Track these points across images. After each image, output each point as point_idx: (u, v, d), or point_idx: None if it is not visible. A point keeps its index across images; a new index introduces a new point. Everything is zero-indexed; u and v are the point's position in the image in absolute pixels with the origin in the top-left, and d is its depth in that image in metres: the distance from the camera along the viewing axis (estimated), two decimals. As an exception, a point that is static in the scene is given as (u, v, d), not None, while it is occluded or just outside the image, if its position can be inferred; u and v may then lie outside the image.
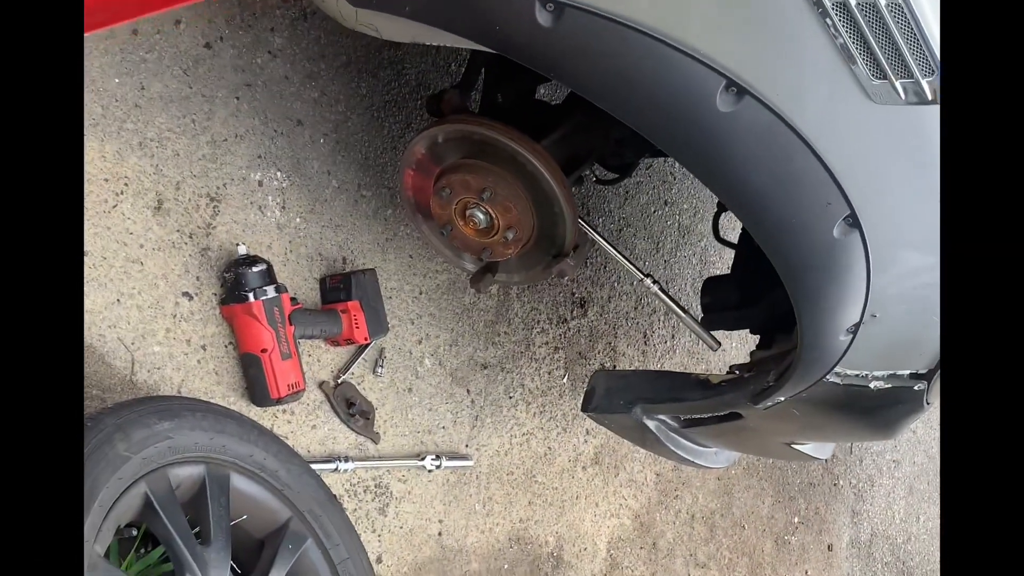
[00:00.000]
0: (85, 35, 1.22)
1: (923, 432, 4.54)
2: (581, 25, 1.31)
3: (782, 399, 1.86)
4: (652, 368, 2.96)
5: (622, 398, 2.15)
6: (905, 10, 1.22)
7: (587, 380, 2.83)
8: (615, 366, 3.00)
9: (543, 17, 1.32)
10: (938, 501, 4.69)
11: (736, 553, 3.44)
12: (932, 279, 1.59)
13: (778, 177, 1.40)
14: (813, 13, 1.24)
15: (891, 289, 1.56)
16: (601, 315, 2.95)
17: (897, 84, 1.29)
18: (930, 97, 1.30)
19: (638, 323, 3.09)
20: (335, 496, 1.85)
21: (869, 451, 4.25)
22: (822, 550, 3.94)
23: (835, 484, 4.05)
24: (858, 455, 4.18)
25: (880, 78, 1.29)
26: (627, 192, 3.06)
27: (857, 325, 1.62)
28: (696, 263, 3.35)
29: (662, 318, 3.19)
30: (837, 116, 1.35)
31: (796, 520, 3.78)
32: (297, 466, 1.75)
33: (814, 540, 3.89)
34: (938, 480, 4.72)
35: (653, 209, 3.18)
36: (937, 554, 4.69)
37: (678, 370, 3.20)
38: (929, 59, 1.26)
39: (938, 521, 4.64)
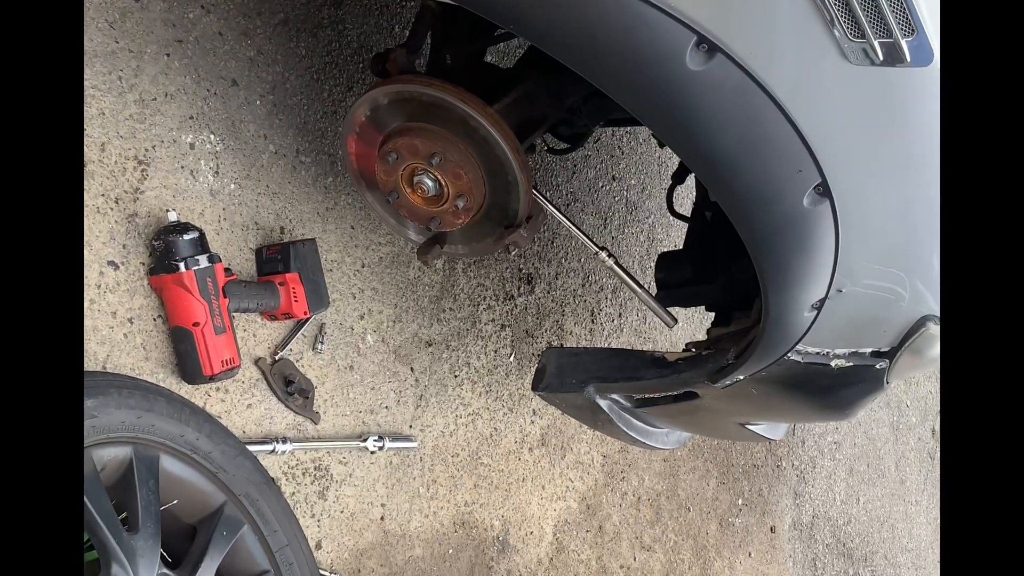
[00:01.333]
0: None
1: (863, 414, 4.58)
2: (545, -27, 1.24)
3: (741, 378, 1.82)
4: (606, 348, 2.91)
5: (574, 376, 2.09)
6: (887, -36, 1.18)
7: (535, 359, 2.77)
8: (562, 344, 2.95)
9: (505, -35, 1.24)
10: (877, 483, 4.75)
11: (681, 536, 3.42)
12: (901, 253, 1.56)
13: (748, 141, 1.34)
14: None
15: (859, 264, 1.53)
16: (548, 292, 2.89)
17: (876, 44, 1.24)
18: (908, 58, 1.25)
19: (586, 301, 3.04)
20: (273, 479, 1.76)
21: (811, 432, 4.27)
22: (765, 532, 3.95)
23: (778, 466, 4.06)
24: (800, 436, 4.20)
25: (858, 37, 1.24)
26: (575, 166, 3.00)
27: (822, 300, 1.58)
28: (644, 240, 3.30)
29: (610, 296, 3.15)
30: (811, 77, 1.29)
31: (740, 502, 3.78)
32: (232, 447, 1.66)
33: (757, 522, 3.90)
34: (877, 462, 4.78)
35: (601, 184, 3.12)
36: (876, 535, 4.75)
37: (626, 348, 3.15)
38: (910, 18, 1.21)
39: (877, 503, 4.71)
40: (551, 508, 2.87)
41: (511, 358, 2.76)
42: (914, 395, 5.01)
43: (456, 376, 2.58)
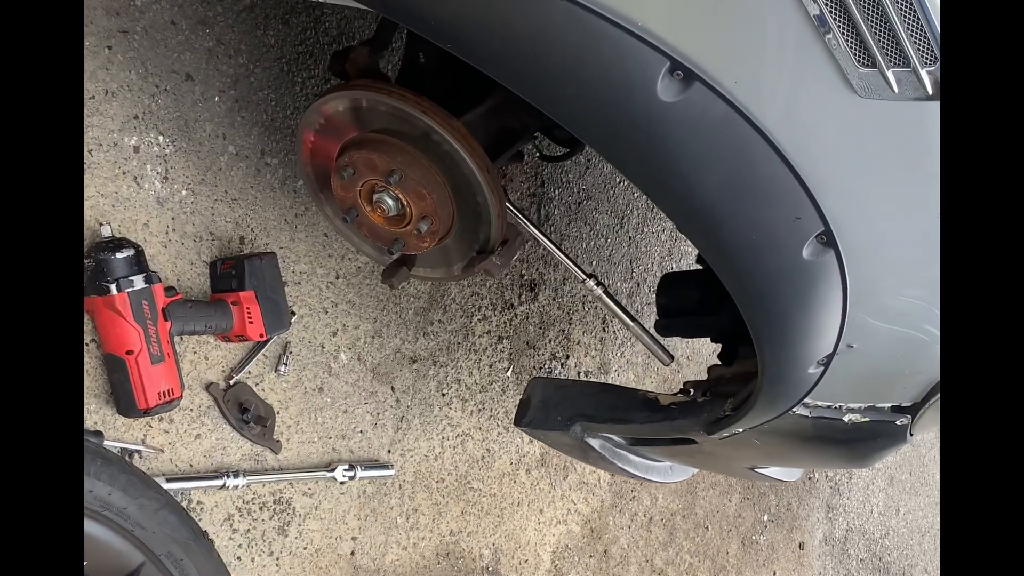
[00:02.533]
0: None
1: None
2: (484, -17, 1.03)
3: (740, 430, 1.62)
4: (596, 382, 2.70)
5: (560, 413, 1.89)
6: (903, -21, 0.95)
7: (537, 372, 2.58)
8: (568, 356, 2.75)
9: (437, -30, 1.04)
10: (920, 492, 4.51)
11: (697, 556, 3.23)
12: (922, 305, 1.34)
13: (734, 184, 1.13)
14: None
15: (872, 317, 1.31)
16: (554, 299, 2.69)
17: (889, 74, 1.02)
18: (930, 91, 1.03)
19: (596, 307, 2.83)
20: (203, 532, 1.60)
21: (849, 441, 4.04)
22: (792, 549, 3.74)
23: (809, 478, 3.84)
24: (837, 446, 3.98)
25: (867, 65, 1.02)
26: (588, 161, 2.78)
27: (830, 356, 1.37)
28: (665, 239, 3.08)
29: (624, 300, 2.93)
30: (811, 111, 1.08)
31: (766, 518, 3.58)
32: (152, 500, 1.49)
33: (784, 538, 3.69)
34: (921, 470, 4.53)
35: (617, 179, 2.90)
36: (916, 547, 4.52)
37: (640, 362, 2.95)
38: (931, 44, 0.99)
39: (919, 513, 4.47)
40: (549, 533, 2.69)
41: (508, 372, 2.57)
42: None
43: (444, 394, 2.40)
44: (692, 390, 1.80)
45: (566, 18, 1.04)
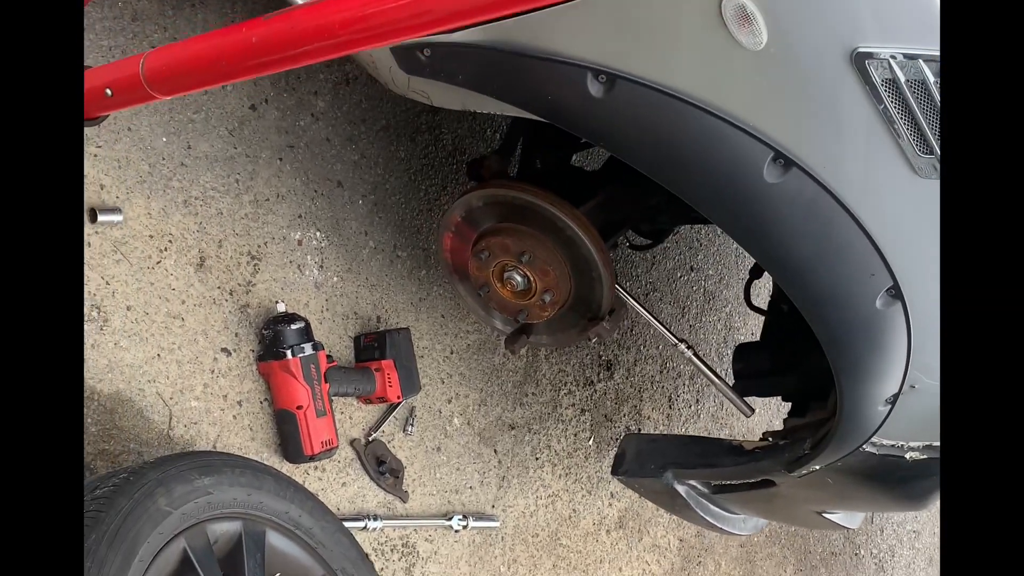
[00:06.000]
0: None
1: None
2: (632, 96, 1.33)
3: (817, 467, 1.85)
4: (678, 432, 2.93)
5: (653, 462, 2.13)
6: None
7: (614, 442, 2.82)
8: (640, 429, 2.98)
9: (595, 88, 1.34)
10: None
11: (757, 622, 3.38)
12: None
13: (822, 248, 1.40)
14: (862, 89, 1.26)
15: (932, 360, 1.55)
16: (627, 378, 2.94)
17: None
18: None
19: (663, 387, 3.08)
20: (367, 555, 1.83)
21: (890, 521, 4.19)
22: (842, 620, 3.86)
23: (856, 554, 3.98)
24: (879, 524, 4.12)
25: (926, 153, 1.30)
26: (654, 257, 3.07)
27: (896, 396, 1.61)
28: (721, 328, 3.34)
29: (687, 383, 3.18)
30: (882, 188, 1.35)
31: (817, 589, 3.72)
32: (331, 524, 1.74)
33: (834, 610, 3.81)
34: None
35: (679, 274, 3.18)
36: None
37: (703, 435, 3.17)
38: (975, 135, 1.27)
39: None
40: (628, 590, 2.87)
41: (590, 441, 2.81)
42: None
43: (537, 458, 2.64)
44: (771, 438, 2.03)
45: (694, 123, 1.33)
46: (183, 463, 1.53)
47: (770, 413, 3.40)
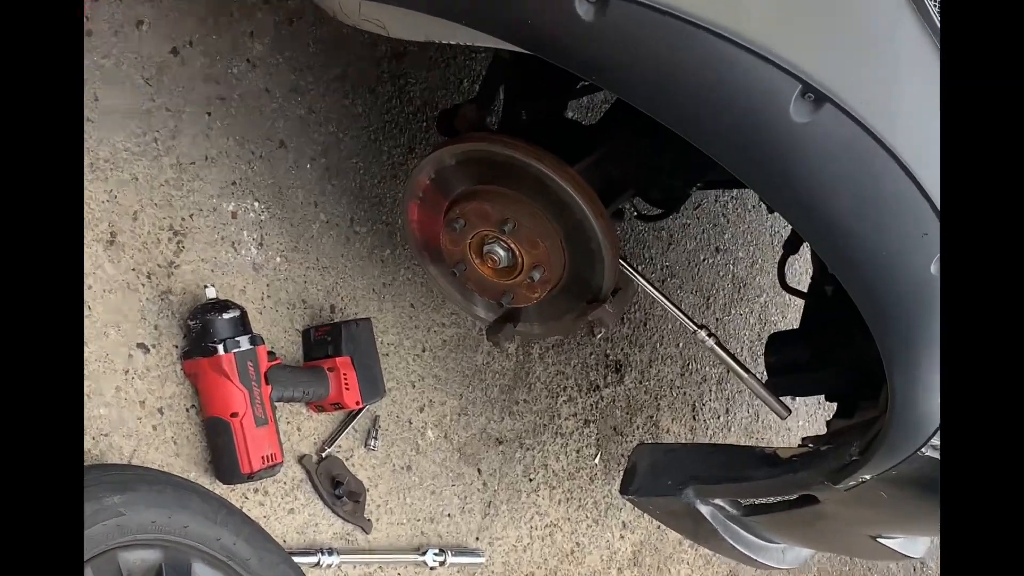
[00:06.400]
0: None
1: None
2: (628, 18, 1.33)
3: (867, 477, 1.85)
4: (706, 443, 2.95)
5: (670, 477, 2.13)
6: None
7: (624, 460, 2.82)
8: (656, 440, 2.99)
9: (583, 9, 1.34)
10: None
11: None
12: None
13: (864, 202, 1.40)
14: (911, 7, 1.26)
15: (1000, 340, 1.56)
16: (640, 382, 2.95)
17: (1008, 89, 1.30)
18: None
19: (685, 393, 3.08)
20: (320, 593, 1.84)
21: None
22: None
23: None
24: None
25: (987, 82, 1.30)
26: (671, 236, 3.08)
27: (959, 385, 1.61)
28: (754, 322, 3.35)
29: (714, 388, 3.18)
30: (937, 129, 1.35)
31: (877, 641, 3.73)
32: (272, 553, 1.74)
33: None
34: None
35: (703, 257, 3.19)
36: None
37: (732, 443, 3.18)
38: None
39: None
40: (645, 641, 2.88)
41: (596, 460, 2.81)
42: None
43: (531, 480, 2.64)
44: (812, 444, 2.03)
45: (704, 50, 1.33)
46: (88, 477, 1.54)
47: (815, 424, 3.41)
